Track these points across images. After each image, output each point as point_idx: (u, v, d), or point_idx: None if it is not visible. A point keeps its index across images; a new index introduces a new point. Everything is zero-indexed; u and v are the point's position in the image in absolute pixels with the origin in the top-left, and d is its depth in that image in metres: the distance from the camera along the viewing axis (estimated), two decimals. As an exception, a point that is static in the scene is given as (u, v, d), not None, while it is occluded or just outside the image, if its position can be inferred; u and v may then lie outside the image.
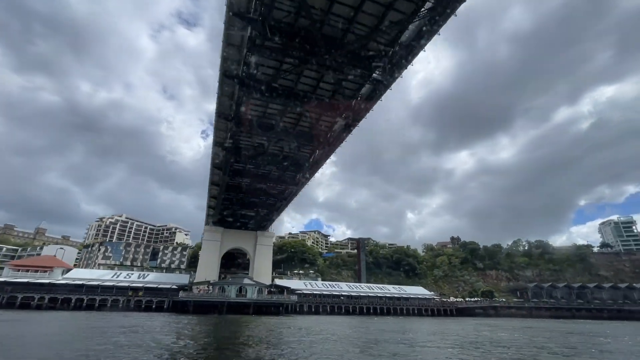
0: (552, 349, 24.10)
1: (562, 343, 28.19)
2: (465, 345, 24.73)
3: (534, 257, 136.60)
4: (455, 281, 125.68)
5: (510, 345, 25.63)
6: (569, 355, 21.59)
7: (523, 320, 74.11)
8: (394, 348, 22.49)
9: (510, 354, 21.14)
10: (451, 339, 29.18)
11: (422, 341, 27.57)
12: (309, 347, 21.71)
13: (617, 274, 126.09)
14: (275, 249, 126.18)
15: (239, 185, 60.27)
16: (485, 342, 27.16)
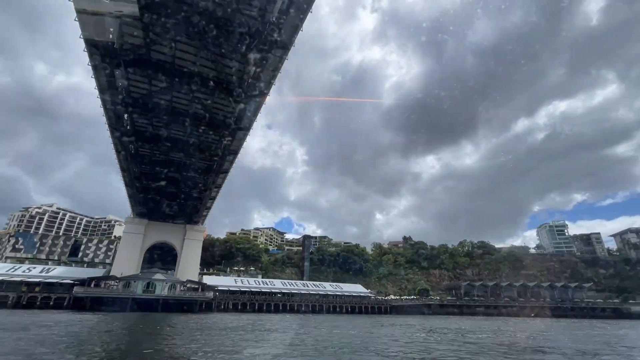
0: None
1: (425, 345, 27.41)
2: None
3: (475, 257, 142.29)
4: (399, 280, 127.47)
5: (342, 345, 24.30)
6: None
7: (446, 318, 75.69)
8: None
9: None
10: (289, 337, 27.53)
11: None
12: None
13: (547, 273, 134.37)
14: (218, 244, 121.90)
15: (151, 174, 55.95)
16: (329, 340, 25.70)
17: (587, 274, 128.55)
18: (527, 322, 62.78)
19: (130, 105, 36.93)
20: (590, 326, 53.75)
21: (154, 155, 50.57)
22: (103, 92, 34.47)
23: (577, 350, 22.13)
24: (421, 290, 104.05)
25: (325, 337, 27.13)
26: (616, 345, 25.75)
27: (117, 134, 43.58)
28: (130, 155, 49.56)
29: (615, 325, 58.60)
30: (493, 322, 59.99)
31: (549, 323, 61.44)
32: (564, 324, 58.05)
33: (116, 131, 43.08)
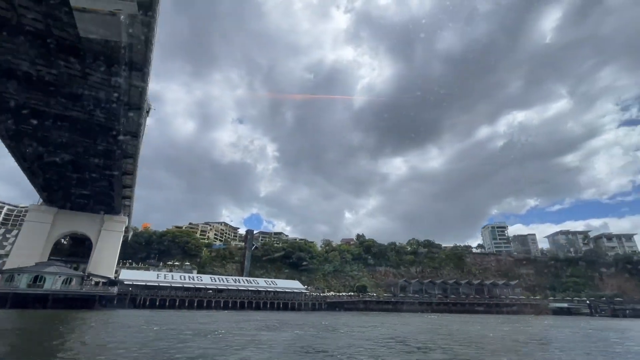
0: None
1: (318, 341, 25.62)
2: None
3: (419, 256, 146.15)
4: (343, 276, 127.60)
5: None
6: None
7: (378, 315, 75.91)
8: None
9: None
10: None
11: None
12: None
13: (484, 272, 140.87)
14: (155, 238, 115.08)
15: (44, 157, 50.08)
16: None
17: (520, 272, 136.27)
18: (433, 318, 64.15)
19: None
20: (487, 321, 55.61)
21: (42, 138, 45.12)
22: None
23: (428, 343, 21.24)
24: (359, 286, 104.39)
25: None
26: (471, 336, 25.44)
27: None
28: (12, 136, 43.81)
29: (519, 319, 61.28)
30: (405, 318, 60.51)
31: (464, 318, 63.11)
32: (478, 319, 59.78)
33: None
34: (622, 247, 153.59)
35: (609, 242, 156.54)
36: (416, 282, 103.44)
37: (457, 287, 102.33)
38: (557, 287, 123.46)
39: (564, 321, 61.60)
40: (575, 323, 55.90)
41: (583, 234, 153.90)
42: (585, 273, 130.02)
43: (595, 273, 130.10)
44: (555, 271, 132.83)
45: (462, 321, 53.15)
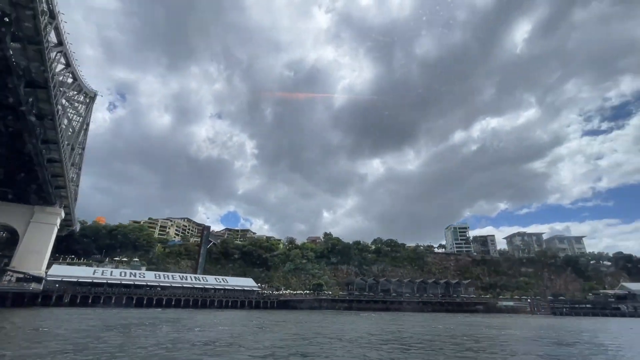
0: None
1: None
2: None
3: (382, 254, 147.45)
4: (304, 274, 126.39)
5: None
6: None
7: (323, 313, 75.00)
8: None
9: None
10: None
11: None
12: None
13: (444, 271, 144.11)
14: (104, 232, 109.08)
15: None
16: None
17: (476, 272, 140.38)
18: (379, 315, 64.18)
19: None
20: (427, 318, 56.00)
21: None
22: None
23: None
24: (315, 285, 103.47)
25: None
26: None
27: None
28: None
29: (469, 317, 62.23)
30: (343, 316, 59.91)
31: (405, 316, 63.39)
32: (420, 317, 60.12)
33: None
34: (572, 248, 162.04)
35: (560, 244, 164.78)
36: (372, 281, 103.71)
37: (412, 286, 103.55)
38: (509, 286, 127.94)
39: (494, 319, 63.18)
40: (502, 321, 57.31)
41: (536, 236, 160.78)
42: (536, 273, 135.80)
43: (544, 273, 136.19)
44: (509, 271, 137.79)
45: (392, 319, 53.10)
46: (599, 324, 51.95)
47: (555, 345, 22.73)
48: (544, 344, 23.70)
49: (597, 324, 51.50)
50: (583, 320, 62.31)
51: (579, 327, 44.28)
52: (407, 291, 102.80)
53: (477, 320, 54.37)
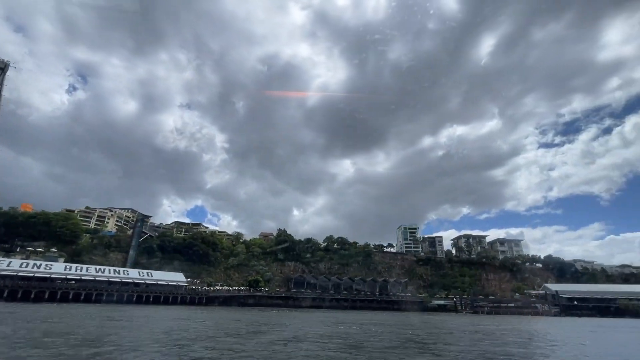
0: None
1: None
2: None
3: (330, 252, 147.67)
4: (247, 270, 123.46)
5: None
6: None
7: (244, 309, 72.70)
8: None
9: None
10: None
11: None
12: None
13: (389, 270, 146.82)
14: (20, 220, 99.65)
15: None
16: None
17: (420, 272, 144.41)
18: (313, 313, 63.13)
19: None
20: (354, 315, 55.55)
21: None
22: None
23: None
24: (251, 281, 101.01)
25: None
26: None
27: None
28: None
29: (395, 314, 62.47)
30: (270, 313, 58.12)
31: (333, 314, 62.67)
32: (351, 315, 59.52)
33: None
34: (511, 251, 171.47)
35: (501, 246, 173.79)
36: (311, 277, 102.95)
37: (351, 284, 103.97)
38: (449, 286, 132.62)
39: (398, 317, 64.25)
40: (419, 318, 58.15)
41: (477, 238, 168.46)
42: (474, 273, 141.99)
43: (482, 273, 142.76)
44: (451, 271, 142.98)
45: (305, 317, 52.03)
46: (483, 322, 53.93)
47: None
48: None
49: (482, 322, 53.40)
50: (486, 318, 64.84)
51: (456, 323, 45.38)
52: (345, 289, 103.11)
53: (380, 317, 54.67)
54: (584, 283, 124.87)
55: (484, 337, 26.78)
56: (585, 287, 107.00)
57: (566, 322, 61.94)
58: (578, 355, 19.36)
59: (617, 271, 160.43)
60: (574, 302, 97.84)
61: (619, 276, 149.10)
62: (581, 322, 67.20)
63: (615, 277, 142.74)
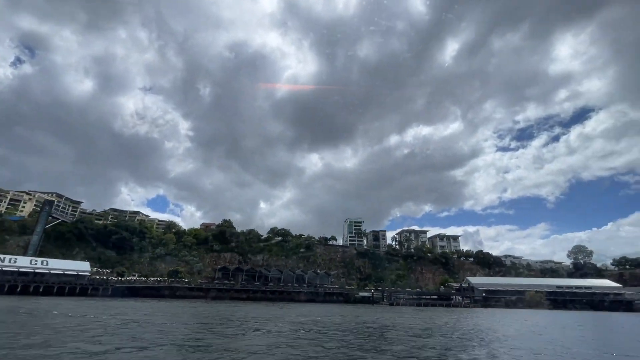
0: None
1: None
2: None
3: (270, 244, 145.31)
4: (175, 261, 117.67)
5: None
6: None
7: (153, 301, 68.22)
8: None
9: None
10: None
11: None
12: None
13: (329, 262, 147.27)
14: None
15: None
16: None
17: (358, 264, 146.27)
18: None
19: None
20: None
21: None
22: None
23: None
24: (171, 272, 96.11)
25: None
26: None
27: None
28: None
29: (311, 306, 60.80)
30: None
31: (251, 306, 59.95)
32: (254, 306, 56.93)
33: None
34: (449, 246, 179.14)
35: (440, 241, 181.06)
36: (235, 269, 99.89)
37: (279, 276, 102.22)
38: (384, 279, 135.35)
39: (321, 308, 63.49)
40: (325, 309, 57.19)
41: (418, 233, 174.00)
42: (410, 267, 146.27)
43: (417, 267, 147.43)
44: (387, 264, 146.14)
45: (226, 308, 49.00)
46: (379, 314, 54.25)
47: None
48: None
49: (380, 314, 53.65)
50: (393, 310, 65.79)
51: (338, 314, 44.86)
52: (272, 281, 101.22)
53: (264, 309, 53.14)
54: (510, 277, 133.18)
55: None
56: (501, 280, 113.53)
57: (464, 313, 64.11)
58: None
59: (541, 266, 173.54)
60: (488, 294, 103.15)
61: (540, 270, 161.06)
62: (479, 312, 70.27)
63: (536, 271, 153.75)
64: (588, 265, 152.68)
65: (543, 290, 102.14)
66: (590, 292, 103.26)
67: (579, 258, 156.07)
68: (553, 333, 29.59)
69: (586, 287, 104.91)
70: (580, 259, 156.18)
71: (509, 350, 18.14)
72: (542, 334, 28.90)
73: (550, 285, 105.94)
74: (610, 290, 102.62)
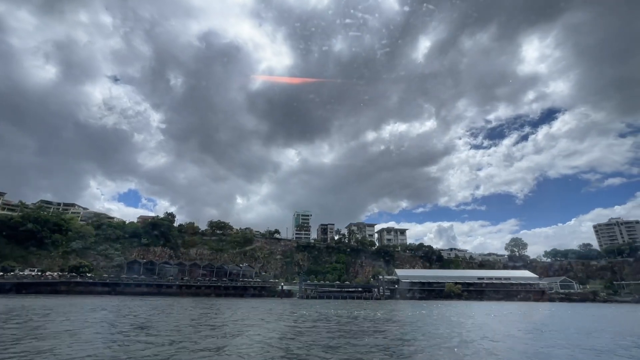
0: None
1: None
2: None
3: (207, 238, 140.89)
4: (94, 255, 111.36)
5: None
6: None
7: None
8: None
9: None
10: None
11: None
12: None
13: (268, 256, 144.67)
14: None
15: None
16: None
17: (298, 258, 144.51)
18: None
19: None
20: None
21: None
22: None
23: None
24: (72, 266, 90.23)
25: None
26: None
27: None
28: None
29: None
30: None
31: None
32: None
33: None
34: (396, 239, 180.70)
35: (388, 235, 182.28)
36: (147, 263, 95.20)
37: (197, 269, 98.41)
38: (322, 272, 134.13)
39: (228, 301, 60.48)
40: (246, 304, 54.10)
41: (361, 226, 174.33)
42: (350, 260, 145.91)
43: (358, 260, 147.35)
44: (327, 257, 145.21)
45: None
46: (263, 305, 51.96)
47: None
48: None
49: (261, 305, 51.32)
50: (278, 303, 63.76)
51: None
52: (189, 274, 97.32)
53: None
54: (448, 269, 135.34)
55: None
56: (426, 272, 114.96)
57: (372, 305, 62.87)
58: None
59: (483, 259, 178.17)
60: (413, 285, 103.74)
61: (480, 263, 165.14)
62: (384, 304, 69.59)
63: (474, 263, 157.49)
64: (522, 257, 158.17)
65: (464, 281, 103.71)
66: (508, 282, 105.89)
67: (515, 251, 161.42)
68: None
69: (505, 278, 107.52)
70: (516, 252, 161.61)
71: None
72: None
73: (471, 277, 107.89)
74: (526, 280, 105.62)
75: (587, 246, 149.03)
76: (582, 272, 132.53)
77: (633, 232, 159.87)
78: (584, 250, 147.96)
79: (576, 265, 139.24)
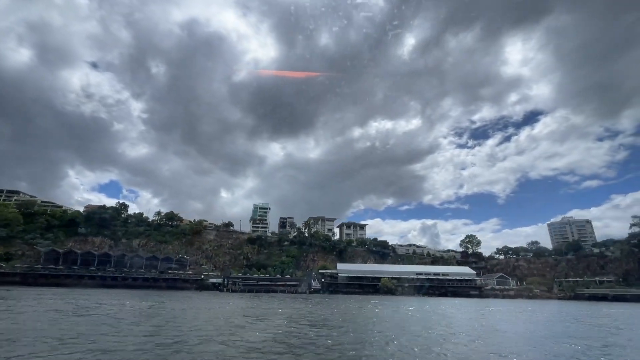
0: None
1: None
2: None
3: (151, 229, 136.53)
4: (18, 244, 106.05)
5: None
6: None
7: None
8: None
9: None
10: None
11: None
12: None
13: (218, 249, 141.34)
14: None
15: None
16: None
17: (246, 250, 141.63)
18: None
19: None
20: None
21: None
22: None
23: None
24: None
25: None
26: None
27: None
28: None
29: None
30: None
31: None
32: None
33: None
34: (355, 234, 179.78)
35: (347, 229, 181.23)
36: (66, 253, 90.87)
37: (123, 260, 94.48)
38: (270, 265, 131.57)
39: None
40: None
41: (324, 220, 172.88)
42: (302, 254, 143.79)
43: (309, 254, 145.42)
44: (278, 251, 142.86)
45: None
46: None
47: None
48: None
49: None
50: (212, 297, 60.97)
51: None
52: (121, 265, 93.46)
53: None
54: (402, 264, 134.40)
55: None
56: (364, 267, 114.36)
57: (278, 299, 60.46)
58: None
59: (440, 255, 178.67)
60: (350, 280, 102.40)
61: (436, 259, 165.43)
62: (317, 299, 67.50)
63: (426, 258, 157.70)
64: (476, 254, 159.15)
65: (400, 276, 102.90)
66: (447, 278, 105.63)
67: (469, 247, 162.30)
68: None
69: (443, 274, 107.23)
70: (470, 248, 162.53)
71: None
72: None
73: (409, 272, 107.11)
74: (463, 277, 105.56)
75: (535, 244, 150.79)
76: (526, 270, 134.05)
77: (583, 231, 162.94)
78: (531, 248, 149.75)
79: (523, 263, 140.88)
